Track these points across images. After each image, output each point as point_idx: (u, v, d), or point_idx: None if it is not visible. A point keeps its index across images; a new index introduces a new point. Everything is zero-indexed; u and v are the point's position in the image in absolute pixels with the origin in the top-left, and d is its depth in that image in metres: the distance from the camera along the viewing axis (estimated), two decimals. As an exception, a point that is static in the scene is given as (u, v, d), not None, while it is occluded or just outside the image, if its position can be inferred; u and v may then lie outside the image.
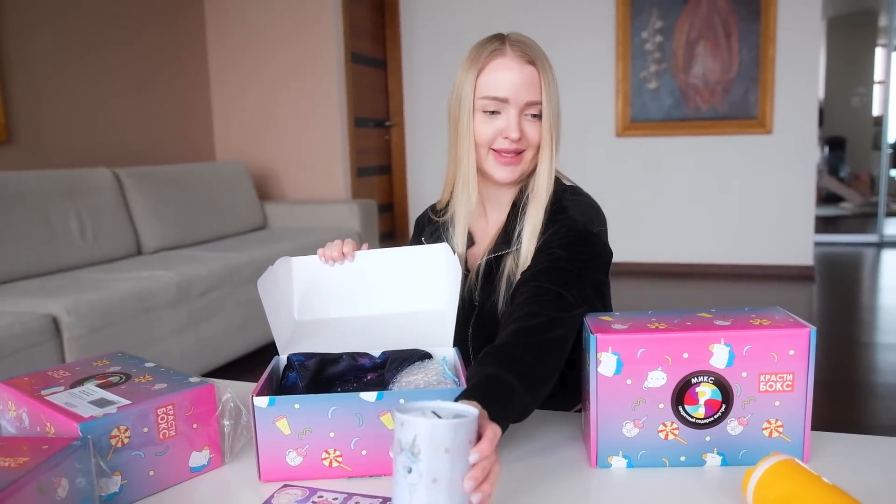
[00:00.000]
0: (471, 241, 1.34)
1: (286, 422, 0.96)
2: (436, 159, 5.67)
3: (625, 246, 5.33)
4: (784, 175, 5.18)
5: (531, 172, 1.27)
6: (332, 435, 0.97)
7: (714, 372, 0.94)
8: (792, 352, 0.93)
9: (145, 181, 3.70)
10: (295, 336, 1.20)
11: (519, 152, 1.23)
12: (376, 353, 1.14)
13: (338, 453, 0.97)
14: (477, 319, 1.31)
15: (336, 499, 0.92)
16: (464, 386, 0.95)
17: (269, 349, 0.95)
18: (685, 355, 0.93)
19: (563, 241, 1.20)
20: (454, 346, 1.14)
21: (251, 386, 1.38)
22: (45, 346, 2.39)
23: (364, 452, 0.97)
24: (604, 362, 0.94)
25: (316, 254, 1.27)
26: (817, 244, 6.06)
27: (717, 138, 5.25)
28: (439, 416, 0.78)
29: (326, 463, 0.98)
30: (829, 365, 3.30)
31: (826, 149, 9.22)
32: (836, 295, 4.95)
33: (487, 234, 1.34)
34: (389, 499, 0.90)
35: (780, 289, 4.88)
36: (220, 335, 3.18)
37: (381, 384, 1.11)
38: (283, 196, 4.96)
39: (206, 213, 3.98)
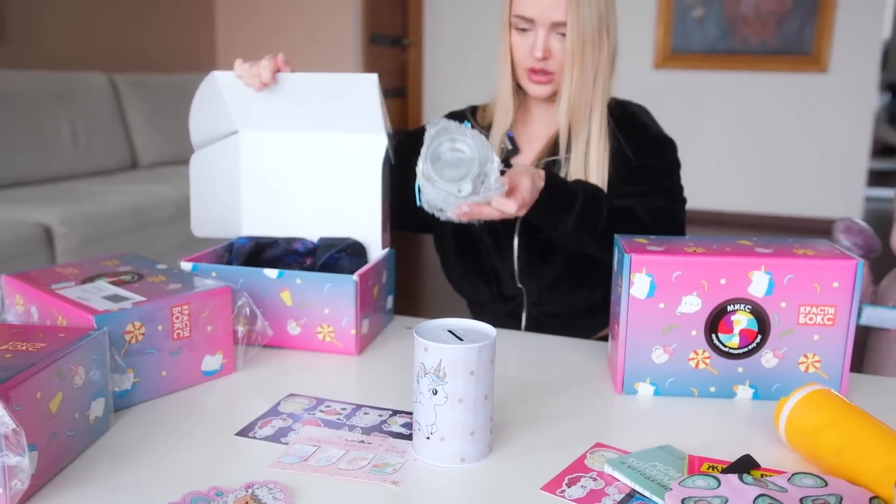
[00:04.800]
0: (516, 149, 1.41)
1: None
2: (456, 83, 5.65)
3: (657, 189, 5.34)
4: (837, 120, 5.15)
5: None
6: None
7: (752, 300, 0.97)
8: (836, 284, 0.97)
9: (143, 89, 3.72)
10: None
11: (548, 72, 1.31)
12: (314, 238, 1.30)
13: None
14: (522, 229, 1.37)
15: (344, 409, 0.98)
16: None
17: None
18: (722, 281, 0.97)
19: (648, 150, 1.34)
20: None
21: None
22: (37, 255, 2.46)
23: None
24: (637, 283, 0.98)
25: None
26: (869, 199, 6.04)
27: (766, 75, 5.22)
28: (458, 337, 0.84)
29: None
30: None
31: (887, 95, 9.10)
32: (885, 255, 4.97)
33: (534, 143, 1.41)
34: (398, 411, 0.97)
35: (823, 243, 4.90)
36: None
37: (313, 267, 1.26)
38: (289, 115, 4.97)
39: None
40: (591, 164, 1.32)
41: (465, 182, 0.98)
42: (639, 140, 1.35)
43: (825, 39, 5.04)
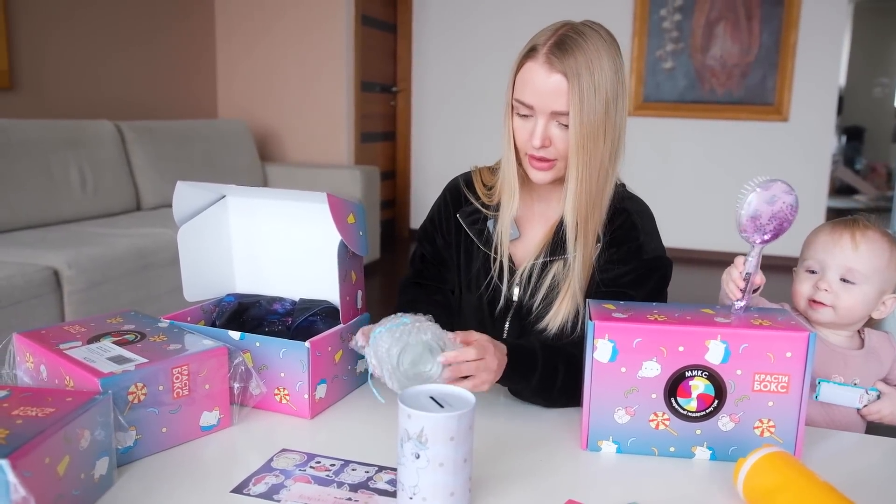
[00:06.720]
0: (517, 232, 1.34)
1: None
2: (441, 128, 5.71)
3: (630, 228, 5.38)
4: (798, 163, 5.22)
5: None
6: None
7: (708, 367, 1.00)
8: (789, 354, 0.98)
9: (147, 135, 3.75)
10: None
11: (548, 159, 1.22)
12: (297, 297, 1.33)
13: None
14: (515, 316, 1.33)
15: (333, 464, 0.99)
16: None
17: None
18: (680, 348, 0.99)
19: (635, 276, 1.26)
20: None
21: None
22: (46, 298, 2.46)
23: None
24: (600, 348, 1.01)
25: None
26: (826, 237, 6.09)
27: (731, 123, 5.29)
28: (439, 403, 0.87)
29: None
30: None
31: (843, 139, 9.25)
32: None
33: (535, 228, 1.34)
34: (384, 467, 0.99)
35: (787, 280, 4.95)
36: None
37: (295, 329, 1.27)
38: (285, 158, 5.00)
39: (207, 171, 4.03)
40: (587, 260, 1.25)
41: (433, 369, 1.02)
42: (629, 262, 1.26)
43: (786, 91, 5.12)
